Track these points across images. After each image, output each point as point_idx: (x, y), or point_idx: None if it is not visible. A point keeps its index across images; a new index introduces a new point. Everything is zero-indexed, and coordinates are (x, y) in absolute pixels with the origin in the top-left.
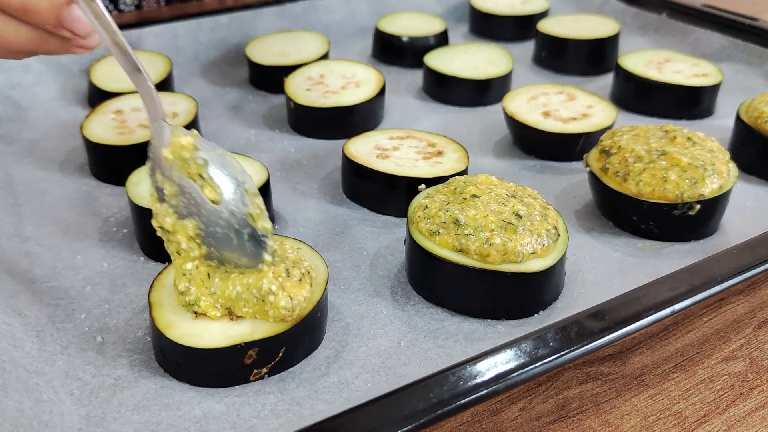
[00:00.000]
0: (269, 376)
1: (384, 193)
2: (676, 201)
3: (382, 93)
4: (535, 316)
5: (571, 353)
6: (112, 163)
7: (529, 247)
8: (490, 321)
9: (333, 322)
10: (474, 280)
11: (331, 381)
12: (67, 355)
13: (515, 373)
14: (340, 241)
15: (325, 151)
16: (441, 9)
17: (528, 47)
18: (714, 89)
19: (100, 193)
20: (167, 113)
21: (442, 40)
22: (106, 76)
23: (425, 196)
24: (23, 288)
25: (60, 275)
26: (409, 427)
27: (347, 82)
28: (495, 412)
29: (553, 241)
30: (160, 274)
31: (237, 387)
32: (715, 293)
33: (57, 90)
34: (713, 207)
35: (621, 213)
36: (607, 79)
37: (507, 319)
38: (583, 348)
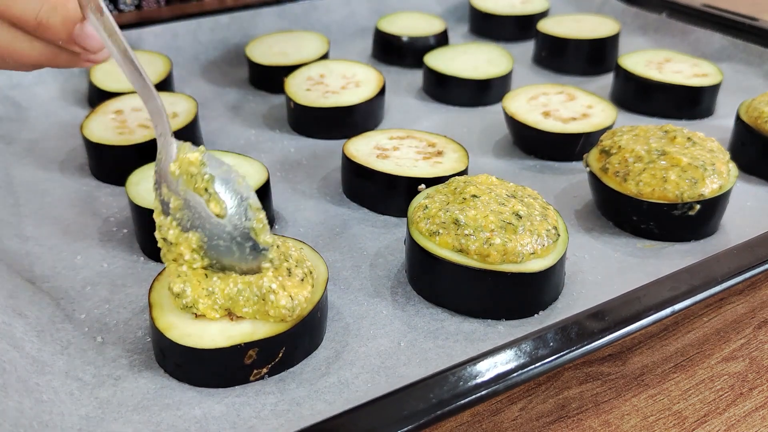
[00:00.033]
0: (269, 377)
1: (384, 193)
2: (676, 201)
3: (382, 93)
4: (535, 316)
5: (571, 353)
6: (112, 163)
7: (529, 247)
8: (490, 321)
9: (333, 322)
10: (474, 280)
11: (331, 381)
12: (67, 355)
13: (515, 373)
14: (340, 241)
15: (325, 151)
16: (441, 9)
17: (528, 47)
18: (714, 89)
19: (100, 193)
20: (167, 113)
21: (442, 40)
22: (106, 76)
23: (425, 196)
24: (23, 288)
25: (60, 275)
26: (409, 427)
27: (347, 82)
28: (495, 412)
29: (553, 241)
30: (160, 274)
31: (237, 387)
32: (715, 293)
33: (57, 90)
34: (713, 207)
35: (621, 213)
36: (607, 79)
37: (507, 319)
38: (583, 348)
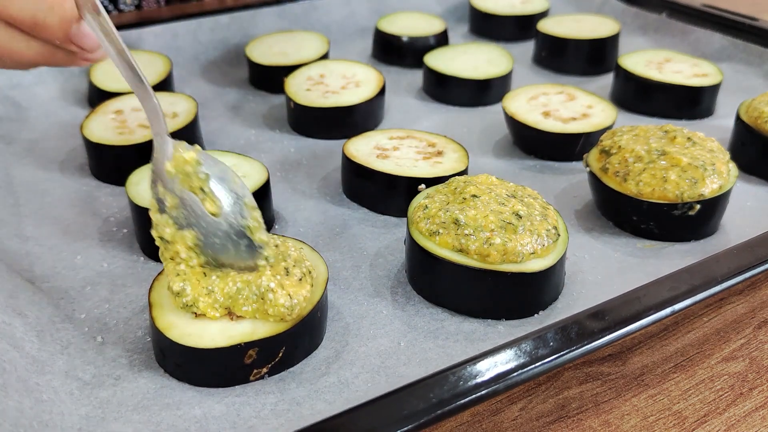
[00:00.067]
0: (269, 376)
1: (384, 193)
2: (676, 201)
3: (382, 93)
4: (535, 316)
5: (571, 353)
6: (112, 163)
7: (529, 247)
8: (490, 321)
9: (333, 322)
10: (474, 280)
11: (331, 381)
12: (67, 355)
13: (515, 373)
14: (340, 241)
15: (325, 151)
16: (441, 9)
17: (528, 47)
18: (714, 89)
19: (100, 193)
20: (167, 113)
21: (442, 40)
22: (106, 76)
23: (425, 196)
24: (23, 288)
25: (60, 275)
26: (409, 427)
27: (347, 82)
28: (495, 412)
29: (553, 241)
30: (160, 274)
31: (237, 387)
32: (715, 293)
33: (57, 90)
34: (713, 207)
35: (621, 213)
36: (607, 79)
37: (507, 319)
38: (583, 348)
